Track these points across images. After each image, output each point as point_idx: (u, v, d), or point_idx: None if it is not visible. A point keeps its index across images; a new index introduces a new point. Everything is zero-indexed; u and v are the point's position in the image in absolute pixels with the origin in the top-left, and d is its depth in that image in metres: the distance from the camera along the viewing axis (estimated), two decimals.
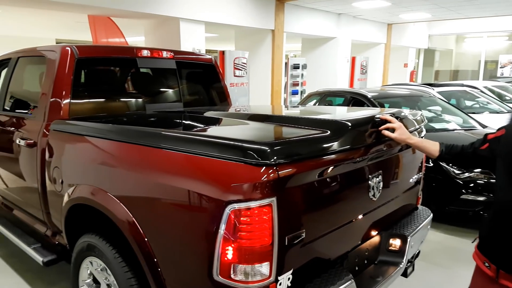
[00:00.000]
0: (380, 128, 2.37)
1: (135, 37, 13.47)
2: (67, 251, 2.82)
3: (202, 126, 3.11)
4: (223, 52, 8.80)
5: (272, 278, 1.78)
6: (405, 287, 3.45)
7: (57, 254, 3.02)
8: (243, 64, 9.04)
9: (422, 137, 2.93)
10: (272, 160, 1.71)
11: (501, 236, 1.81)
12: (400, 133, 2.36)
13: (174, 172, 1.99)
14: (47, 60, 3.09)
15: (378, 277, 2.46)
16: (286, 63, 11.14)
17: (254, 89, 10.08)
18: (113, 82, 3.72)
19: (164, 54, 3.63)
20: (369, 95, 5.77)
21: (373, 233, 2.55)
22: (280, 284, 1.82)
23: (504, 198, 1.79)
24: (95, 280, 2.54)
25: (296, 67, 11.02)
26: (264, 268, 1.75)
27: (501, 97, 9.12)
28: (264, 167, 1.70)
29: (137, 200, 2.13)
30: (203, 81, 4.18)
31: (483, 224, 2.00)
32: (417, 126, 2.88)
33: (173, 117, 3.33)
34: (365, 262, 2.53)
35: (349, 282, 2.08)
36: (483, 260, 1.92)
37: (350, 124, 2.23)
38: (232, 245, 1.72)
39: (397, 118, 2.61)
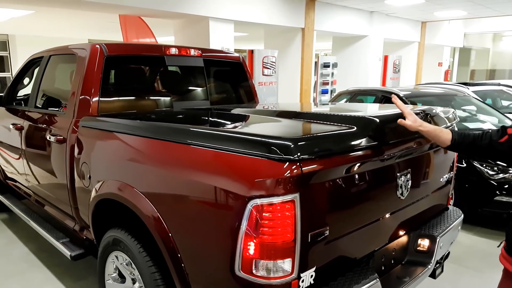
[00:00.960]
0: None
1: (165, 36, 13.62)
2: (95, 245, 2.87)
3: (227, 122, 3.10)
4: (252, 51, 8.78)
5: (294, 275, 1.76)
6: None
7: (84, 249, 3.08)
8: (271, 63, 8.99)
9: None
10: (296, 156, 1.68)
11: None
12: (411, 120, 2.20)
13: (197, 167, 1.98)
14: (77, 58, 3.15)
15: (405, 277, 2.40)
16: (316, 62, 11.03)
17: (283, 88, 10.03)
18: (141, 79, 3.76)
19: (192, 52, 3.64)
20: (402, 93, 5.65)
21: (401, 232, 2.48)
22: (302, 281, 1.80)
23: None
24: (120, 275, 2.57)
25: (326, 65, 10.91)
26: (286, 264, 1.73)
27: None
28: (287, 163, 1.68)
29: (162, 196, 2.15)
30: (230, 79, 4.18)
31: (510, 227, 1.93)
32: (449, 124, 2.79)
33: (199, 114, 3.34)
34: (392, 262, 2.47)
35: (374, 281, 2.03)
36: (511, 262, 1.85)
37: (378, 120, 2.18)
38: (254, 240, 1.70)
39: (427, 115, 2.55)
